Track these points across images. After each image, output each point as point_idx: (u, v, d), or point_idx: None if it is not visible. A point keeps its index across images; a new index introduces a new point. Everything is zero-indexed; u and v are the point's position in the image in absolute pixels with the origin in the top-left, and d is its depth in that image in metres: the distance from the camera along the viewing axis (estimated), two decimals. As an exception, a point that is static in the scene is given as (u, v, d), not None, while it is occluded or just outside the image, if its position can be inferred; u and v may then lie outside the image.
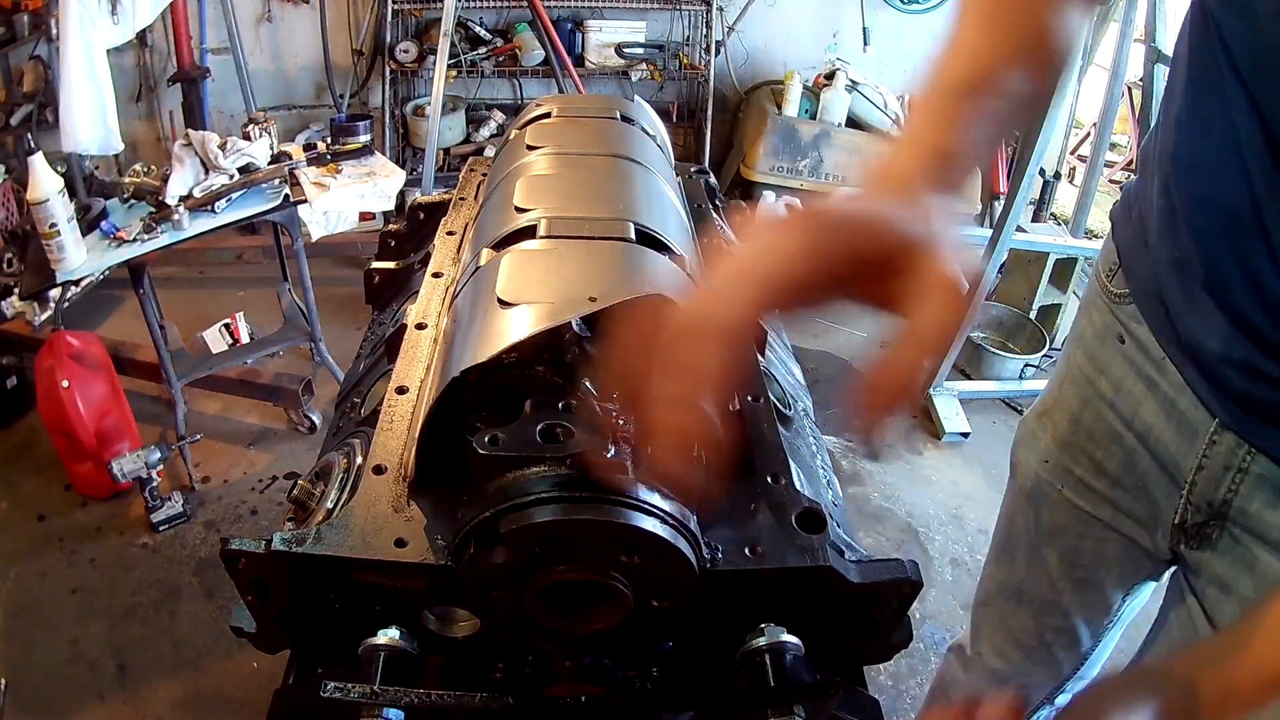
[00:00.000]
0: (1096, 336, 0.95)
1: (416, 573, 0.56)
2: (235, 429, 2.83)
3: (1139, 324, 0.87)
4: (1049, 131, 2.59)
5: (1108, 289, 0.92)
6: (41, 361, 2.37)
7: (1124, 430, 0.91)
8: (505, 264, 0.68)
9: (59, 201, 1.95)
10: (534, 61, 3.73)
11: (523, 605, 0.54)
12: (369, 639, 0.60)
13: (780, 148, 3.89)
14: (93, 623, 2.15)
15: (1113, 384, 0.92)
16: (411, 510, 0.60)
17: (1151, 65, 3.47)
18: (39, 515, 2.45)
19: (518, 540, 0.51)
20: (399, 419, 0.69)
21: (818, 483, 0.77)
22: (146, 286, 2.31)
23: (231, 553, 0.58)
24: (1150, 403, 0.87)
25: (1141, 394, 0.88)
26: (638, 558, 0.52)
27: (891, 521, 2.70)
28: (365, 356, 1.02)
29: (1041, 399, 1.09)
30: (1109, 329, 0.92)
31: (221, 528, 2.44)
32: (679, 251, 0.75)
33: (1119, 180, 5.17)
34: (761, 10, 4.08)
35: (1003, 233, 2.79)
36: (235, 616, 0.64)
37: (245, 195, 2.29)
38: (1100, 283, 0.94)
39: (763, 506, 0.63)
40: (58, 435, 2.40)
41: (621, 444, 0.55)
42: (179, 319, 2.79)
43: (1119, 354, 0.91)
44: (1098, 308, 0.95)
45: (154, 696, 1.99)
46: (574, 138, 0.93)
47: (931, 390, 3.13)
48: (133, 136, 3.61)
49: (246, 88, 3.60)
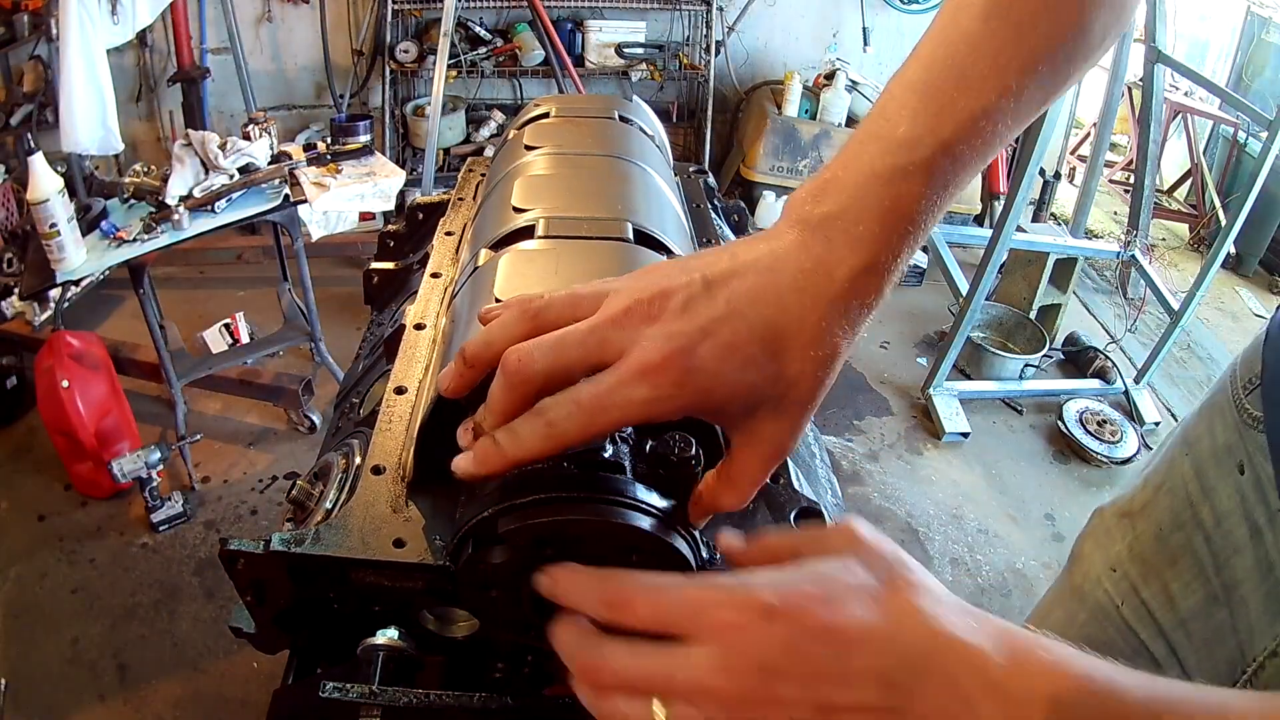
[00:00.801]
0: (1213, 454, 0.80)
1: (415, 573, 0.56)
2: (235, 429, 2.83)
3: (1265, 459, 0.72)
4: (1049, 131, 2.59)
5: (1241, 404, 0.76)
6: (41, 361, 2.38)
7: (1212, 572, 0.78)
8: (503, 264, 0.68)
9: (59, 201, 1.95)
10: (534, 61, 3.73)
11: (522, 605, 0.54)
12: (368, 639, 0.60)
13: (780, 148, 3.89)
14: (93, 623, 2.15)
15: (1216, 515, 0.78)
16: (410, 510, 0.60)
17: (1151, 65, 3.47)
18: (39, 515, 2.45)
19: (517, 540, 0.51)
20: (397, 419, 0.69)
21: (817, 482, 0.76)
22: (146, 286, 2.31)
23: (230, 553, 0.58)
24: (1248, 555, 0.74)
25: (1242, 540, 0.75)
26: (636, 557, 0.52)
27: (891, 521, 2.70)
28: (364, 357, 1.02)
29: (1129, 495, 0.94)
30: (1230, 451, 0.77)
31: (221, 528, 2.44)
32: (677, 251, 0.75)
33: (1119, 180, 5.17)
34: (761, 10, 4.08)
35: (1003, 233, 2.79)
36: (235, 616, 0.64)
37: (245, 195, 2.29)
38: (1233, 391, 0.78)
39: (761, 506, 0.63)
40: (58, 435, 2.40)
41: (621, 444, 0.55)
42: (179, 319, 2.79)
43: (1233, 484, 0.76)
44: (1224, 421, 0.79)
45: (154, 696, 1.99)
46: (572, 138, 0.93)
47: (931, 390, 3.14)
48: (133, 136, 3.61)
49: (246, 88, 3.60)
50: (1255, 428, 0.74)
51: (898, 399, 3.25)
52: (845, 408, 3.18)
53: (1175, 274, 4.27)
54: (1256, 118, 2.98)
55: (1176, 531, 0.83)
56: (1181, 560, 0.82)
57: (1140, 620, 0.87)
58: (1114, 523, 0.93)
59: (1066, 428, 3.08)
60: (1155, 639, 0.85)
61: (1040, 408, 3.28)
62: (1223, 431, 0.79)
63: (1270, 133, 2.62)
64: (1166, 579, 0.84)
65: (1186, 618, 0.82)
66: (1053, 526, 2.78)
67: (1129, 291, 3.99)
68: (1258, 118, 2.94)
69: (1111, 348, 3.57)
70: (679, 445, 0.54)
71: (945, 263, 3.42)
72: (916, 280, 4.00)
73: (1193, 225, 4.76)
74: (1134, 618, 0.87)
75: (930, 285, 3.95)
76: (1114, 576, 0.90)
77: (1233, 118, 4.50)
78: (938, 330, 3.65)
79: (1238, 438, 0.77)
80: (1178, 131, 4.71)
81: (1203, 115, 4.64)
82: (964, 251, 3.99)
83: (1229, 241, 2.90)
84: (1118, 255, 3.58)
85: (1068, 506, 2.84)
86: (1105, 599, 0.90)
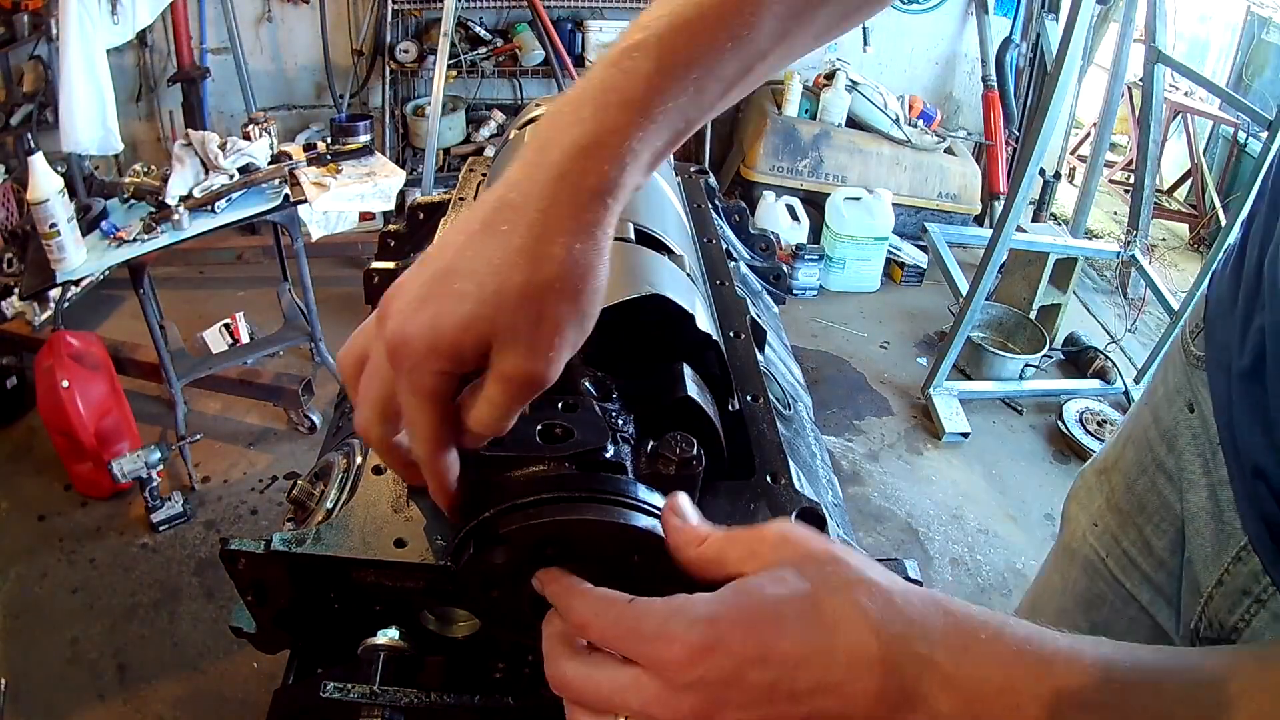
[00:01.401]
0: (1167, 397, 0.85)
1: (416, 573, 0.56)
2: (235, 429, 2.83)
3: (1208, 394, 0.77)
4: (1049, 131, 2.59)
5: (1188, 348, 0.82)
6: (41, 361, 2.37)
7: (1178, 508, 0.82)
8: (505, 264, 0.68)
9: (59, 201, 1.95)
10: (534, 61, 3.73)
11: (523, 605, 0.54)
12: (369, 639, 0.60)
13: (780, 148, 3.89)
14: (93, 623, 2.15)
15: (1175, 455, 0.82)
16: (411, 510, 0.60)
17: (1151, 65, 3.47)
18: (39, 515, 2.45)
19: (518, 540, 0.51)
20: (399, 419, 0.69)
21: (817, 482, 0.76)
22: (146, 286, 2.31)
23: (231, 553, 0.58)
24: (1201, 489, 0.77)
25: (1195, 476, 0.78)
26: (638, 557, 0.52)
27: (891, 521, 2.70)
28: (365, 356, 1.01)
29: (1103, 454, 0.99)
30: (1180, 392, 0.82)
31: (221, 528, 2.44)
32: (678, 251, 0.75)
33: (1119, 180, 5.17)
34: (761, 10, 4.07)
35: (1003, 233, 2.79)
36: (235, 616, 0.64)
37: (245, 195, 2.29)
38: (1183, 338, 0.83)
39: (762, 506, 0.63)
40: (58, 435, 2.40)
41: (623, 444, 0.55)
42: (179, 319, 2.79)
43: (1185, 423, 0.81)
44: (1175, 366, 0.84)
45: (154, 696, 1.99)
46: (574, 138, 0.93)
47: (931, 390, 3.14)
48: (133, 136, 3.61)
49: (246, 88, 3.60)
50: (1199, 367, 0.79)
51: (898, 399, 3.25)
52: (845, 408, 3.18)
53: (1175, 274, 4.27)
54: (1256, 118, 2.98)
55: (1142, 477, 0.87)
56: (1150, 504, 0.86)
57: (1124, 570, 0.90)
58: (1093, 480, 0.98)
59: (1066, 428, 3.07)
60: (1140, 585, 0.88)
61: (1040, 408, 3.28)
62: (1174, 376, 0.84)
63: (1270, 133, 2.62)
64: (1140, 525, 0.87)
65: (1164, 557, 0.85)
66: (1053, 526, 2.77)
67: (1129, 291, 3.99)
68: (1258, 118, 2.95)
69: (1111, 348, 3.57)
70: (680, 445, 0.54)
71: (945, 263, 3.42)
72: (916, 280, 4.00)
73: (1193, 225, 4.76)
74: (1118, 569, 0.91)
75: (930, 285, 3.95)
76: (1097, 531, 0.94)
77: (1233, 118, 4.50)
78: (938, 330, 3.65)
79: (1186, 379, 0.81)
80: (1178, 131, 4.71)
81: (1203, 115, 4.64)
82: (964, 251, 3.99)
83: (1229, 241, 2.89)
84: (1118, 255, 3.59)
85: (1068, 506, 2.83)
86: (1092, 554, 0.94)
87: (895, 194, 3.90)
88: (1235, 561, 0.70)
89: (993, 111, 4.15)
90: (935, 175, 4.00)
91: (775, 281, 1.15)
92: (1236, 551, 0.70)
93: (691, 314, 0.62)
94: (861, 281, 3.90)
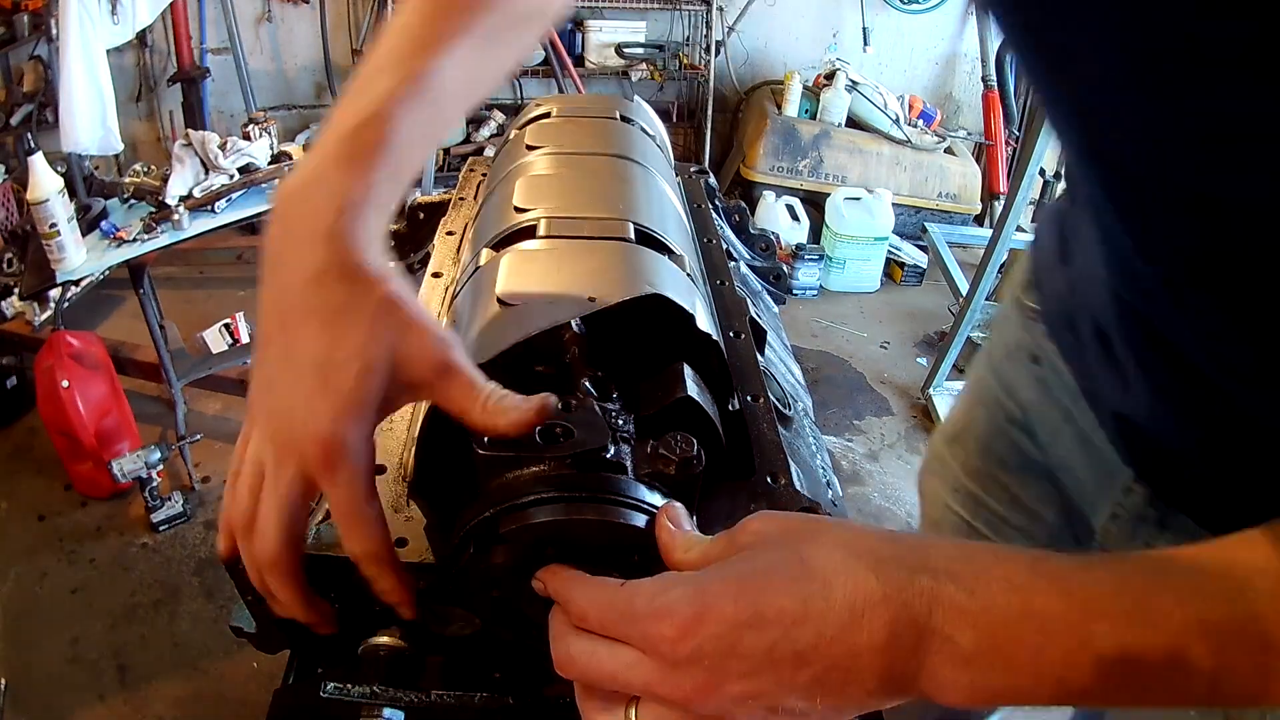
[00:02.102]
0: (1007, 355, 0.86)
1: (416, 572, 0.56)
2: (235, 429, 2.81)
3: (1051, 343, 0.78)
4: (1049, 132, 2.58)
5: (1022, 302, 0.83)
6: (41, 361, 2.37)
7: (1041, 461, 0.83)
8: (505, 264, 0.68)
9: (59, 201, 1.95)
10: (534, 61, 3.73)
11: (523, 605, 0.54)
12: (369, 639, 0.60)
13: (780, 148, 3.89)
14: (93, 623, 2.15)
15: (1023, 408, 0.83)
16: (411, 510, 0.60)
17: (1151, 65, 3.47)
18: (39, 515, 2.45)
19: (518, 540, 0.51)
20: (398, 419, 0.69)
21: (817, 483, 0.76)
22: (146, 286, 2.31)
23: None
24: (1067, 435, 0.77)
25: (1057, 423, 0.79)
26: (638, 557, 0.52)
27: (891, 521, 2.70)
28: (365, 356, 1.01)
29: (950, 421, 0.99)
30: (1020, 346, 0.83)
31: (221, 528, 2.44)
32: (679, 251, 0.75)
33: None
34: (761, 10, 4.08)
35: (1003, 233, 2.79)
36: (235, 616, 0.64)
37: (245, 195, 2.29)
38: (1015, 296, 0.84)
39: (762, 506, 0.63)
40: (58, 435, 2.40)
41: (623, 444, 0.55)
42: (179, 319, 2.79)
43: (1030, 375, 0.81)
44: (1010, 324, 0.85)
45: (154, 696, 1.99)
46: (574, 137, 0.93)
47: (932, 390, 3.14)
48: (133, 136, 3.62)
49: (246, 88, 3.60)
50: (1036, 320, 0.80)
51: (898, 399, 3.25)
52: (845, 408, 3.18)
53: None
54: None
55: (998, 436, 0.88)
56: (1010, 459, 0.87)
57: (995, 529, 0.91)
58: (944, 449, 0.98)
59: (1066, 428, 3.07)
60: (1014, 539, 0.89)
61: (1040, 408, 3.27)
62: (1011, 333, 0.85)
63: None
64: (1005, 481, 0.88)
65: (1036, 510, 0.86)
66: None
67: (1129, 291, 3.98)
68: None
69: (1111, 348, 3.56)
70: (680, 445, 0.54)
71: (945, 263, 3.42)
72: (917, 280, 4.00)
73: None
74: (988, 528, 0.91)
75: (930, 285, 3.95)
76: (959, 497, 0.95)
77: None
78: (938, 330, 3.64)
79: (1025, 333, 0.82)
80: (1178, 131, 4.70)
81: (1203, 115, 4.64)
82: (964, 251, 3.99)
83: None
84: (1118, 255, 3.58)
85: (1068, 506, 2.83)
86: (957, 520, 0.95)
87: (895, 194, 3.90)
88: (1126, 493, 0.70)
89: (993, 111, 4.15)
90: (935, 175, 4.00)
91: (775, 281, 1.15)
92: (1125, 484, 0.70)
93: (692, 314, 0.62)
94: (861, 281, 3.89)
